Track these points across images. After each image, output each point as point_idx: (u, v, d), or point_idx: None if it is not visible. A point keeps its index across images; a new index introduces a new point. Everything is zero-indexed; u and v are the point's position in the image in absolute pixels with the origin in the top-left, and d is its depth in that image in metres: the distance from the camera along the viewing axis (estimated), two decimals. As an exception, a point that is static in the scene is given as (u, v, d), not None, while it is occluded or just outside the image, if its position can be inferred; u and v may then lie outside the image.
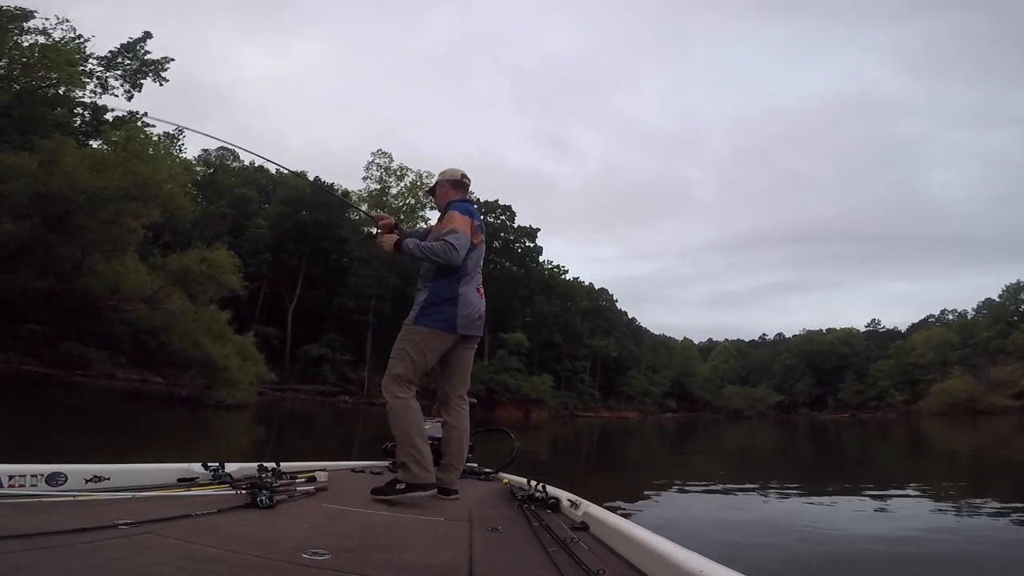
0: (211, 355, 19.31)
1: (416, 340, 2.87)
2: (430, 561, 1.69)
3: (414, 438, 2.74)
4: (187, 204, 20.47)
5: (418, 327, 2.89)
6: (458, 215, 2.95)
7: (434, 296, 2.91)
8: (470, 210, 3.04)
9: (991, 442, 19.64)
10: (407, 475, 2.70)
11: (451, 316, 2.89)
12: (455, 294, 2.91)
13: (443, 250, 2.83)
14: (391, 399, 2.80)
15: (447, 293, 2.91)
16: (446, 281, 2.92)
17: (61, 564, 1.34)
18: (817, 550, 4.37)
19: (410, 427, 2.77)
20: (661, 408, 74.05)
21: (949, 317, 76.40)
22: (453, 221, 2.93)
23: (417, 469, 2.70)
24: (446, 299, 2.90)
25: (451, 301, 2.90)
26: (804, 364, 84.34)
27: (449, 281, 2.92)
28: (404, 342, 2.89)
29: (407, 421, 2.77)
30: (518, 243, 57.47)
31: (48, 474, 2.19)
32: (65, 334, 21.65)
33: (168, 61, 26.31)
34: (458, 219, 2.93)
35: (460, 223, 2.91)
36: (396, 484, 2.70)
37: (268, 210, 47.41)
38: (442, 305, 2.89)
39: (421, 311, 2.90)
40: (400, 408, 2.79)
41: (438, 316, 2.88)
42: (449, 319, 2.89)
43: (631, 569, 1.66)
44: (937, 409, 50.97)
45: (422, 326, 2.88)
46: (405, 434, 2.74)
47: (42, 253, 17.34)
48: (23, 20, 20.51)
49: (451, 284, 2.92)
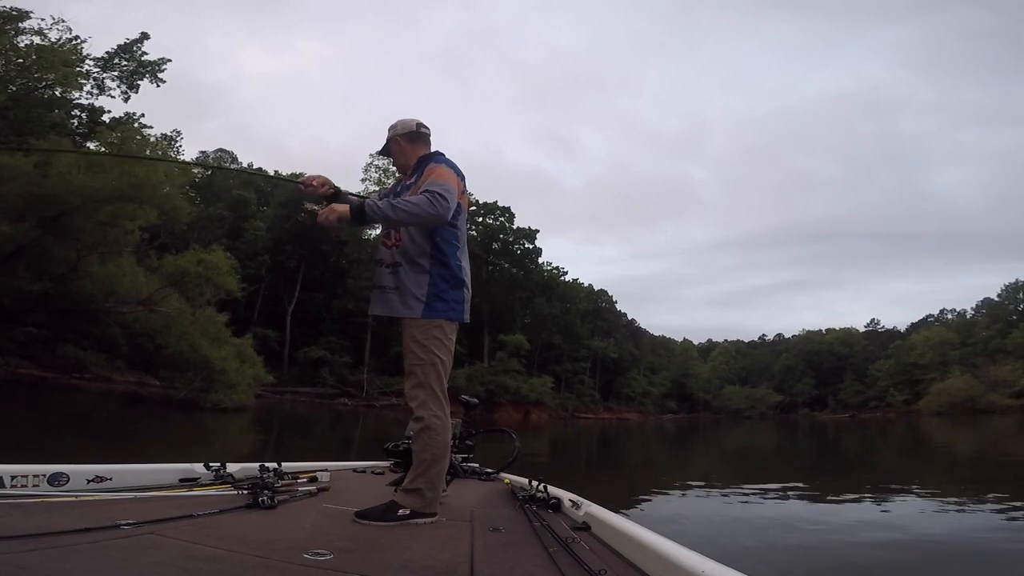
0: (208, 358, 19.19)
1: (439, 336, 2.35)
2: (431, 561, 1.70)
3: (444, 467, 2.40)
4: (183, 205, 20.38)
5: (436, 320, 2.34)
6: (444, 169, 2.39)
7: (440, 279, 2.36)
8: (454, 165, 2.47)
9: (991, 441, 19.66)
10: (418, 503, 2.29)
11: (460, 301, 2.40)
12: (459, 272, 2.40)
13: (428, 202, 2.23)
14: (430, 417, 2.31)
15: (455, 274, 2.39)
16: (448, 253, 2.39)
17: (63, 564, 1.34)
18: (817, 550, 4.37)
19: (444, 453, 2.38)
20: (661, 409, 74.04)
21: (948, 317, 76.60)
22: (438, 174, 2.36)
23: (431, 497, 2.34)
24: (455, 281, 2.38)
25: (459, 284, 2.40)
26: (804, 364, 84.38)
27: (450, 253, 2.39)
28: (428, 341, 2.33)
29: (444, 446, 2.35)
30: (517, 245, 57.46)
31: (50, 474, 2.19)
32: (61, 337, 21.49)
33: (165, 62, 26.33)
34: (446, 173, 2.37)
35: (448, 177, 2.36)
36: (398, 508, 2.27)
37: (266, 212, 47.32)
38: (451, 289, 2.38)
39: (431, 299, 2.34)
40: (441, 429, 2.33)
41: (450, 303, 2.37)
42: (459, 306, 2.40)
43: (633, 569, 1.66)
44: (937, 409, 50.98)
45: (441, 318, 2.35)
46: (436, 460, 2.33)
47: (37, 255, 17.26)
48: (19, 20, 20.49)
49: (455, 261, 2.40)
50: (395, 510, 2.26)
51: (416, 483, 2.31)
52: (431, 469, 2.31)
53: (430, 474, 2.31)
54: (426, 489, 2.30)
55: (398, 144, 2.62)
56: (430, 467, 2.31)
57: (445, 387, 2.39)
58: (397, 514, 2.24)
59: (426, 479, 2.31)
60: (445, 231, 2.40)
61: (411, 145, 2.60)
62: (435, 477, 2.33)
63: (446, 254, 2.39)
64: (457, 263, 2.42)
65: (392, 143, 2.64)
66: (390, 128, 2.66)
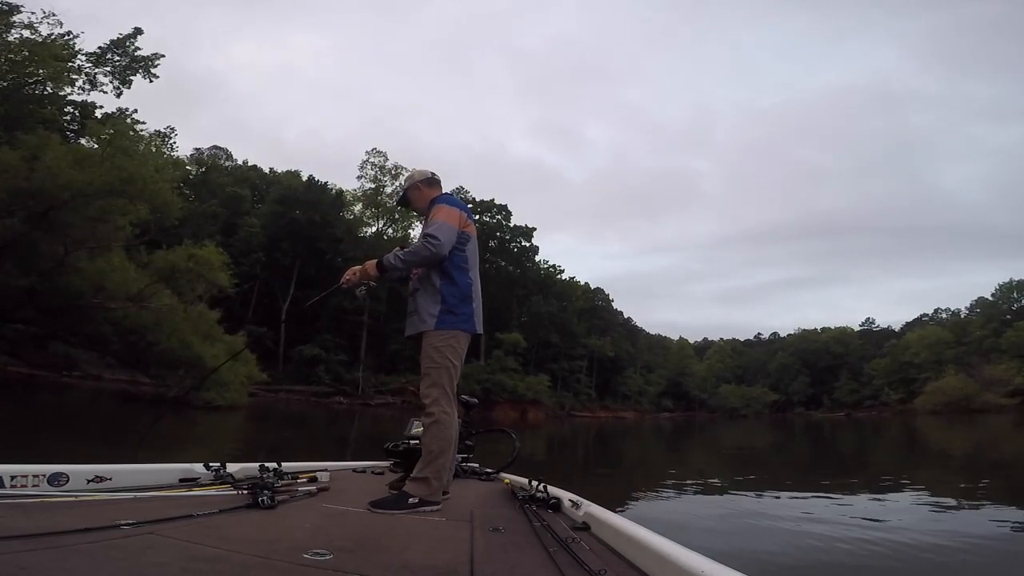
0: (200, 355, 18.95)
1: (453, 344, 2.74)
2: (431, 561, 1.70)
3: (449, 458, 2.69)
4: (174, 200, 20.02)
5: (450, 331, 2.74)
6: (444, 207, 2.87)
7: (451, 296, 2.77)
8: (456, 201, 2.97)
9: (986, 440, 19.81)
10: (424, 491, 2.58)
11: (470, 314, 2.80)
12: (468, 290, 2.82)
13: (422, 247, 2.73)
14: (439, 413, 2.66)
15: (463, 291, 2.80)
16: (458, 276, 2.80)
17: (64, 564, 1.34)
18: (817, 549, 4.39)
19: (450, 446, 2.69)
20: (657, 408, 74.32)
21: (943, 316, 77.08)
22: (437, 214, 2.83)
23: (437, 486, 2.63)
24: (463, 297, 2.79)
25: (467, 299, 2.81)
26: (799, 363, 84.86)
27: (460, 275, 2.81)
28: (443, 348, 2.72)
29: (450, 440, 2.68)
30: (514, 242, 57.53)
31: (50, 474, 2.19)
32: (51, 334, 21.26)
33: (158, 57, 26.04)
34: (444, 212, 2.84)
35: (445, 215, 2.82)
36: (408, 497, 2.55)
37: (261, 209, 47.07)
38: (461, 304, 2.78)
39: (443, 314, 2.75)
40: (448, 424, 2.67)
41: (461, 317, 2.77)
42: (468, 318, 2.80)
43: (632, 569, 1.66)
44: (932, 407, 51.34)
45: (454, 329, 2.75)
46: (443, 451, 2.65)
47: (24, 251, 16.98)
48: (9, 15, 20.29)
49: (464, 280, 2.82)
50: (405, 499, 2.54)
51: (424, 472, 2.61)
52: (438, 459, 2.62)
53: (436, 464, 2.62)
54: (432, 478, 2.60)
55: (416, 191, 3.08)
56: (437, 457, 2.62)
57: (455, 389, 2.76)
58: (407, 503, 2.52)
59: (433, 468, 2.61)
60: (455, 256, 2.82)
61: (428, 188, 3.07)
62: (441, 467, 2.63)
63: (455, 275, 2.80)
64: (467, 282, 2.83)
65: (411, 190, 3.10)
66: (406, 179, 3.19)
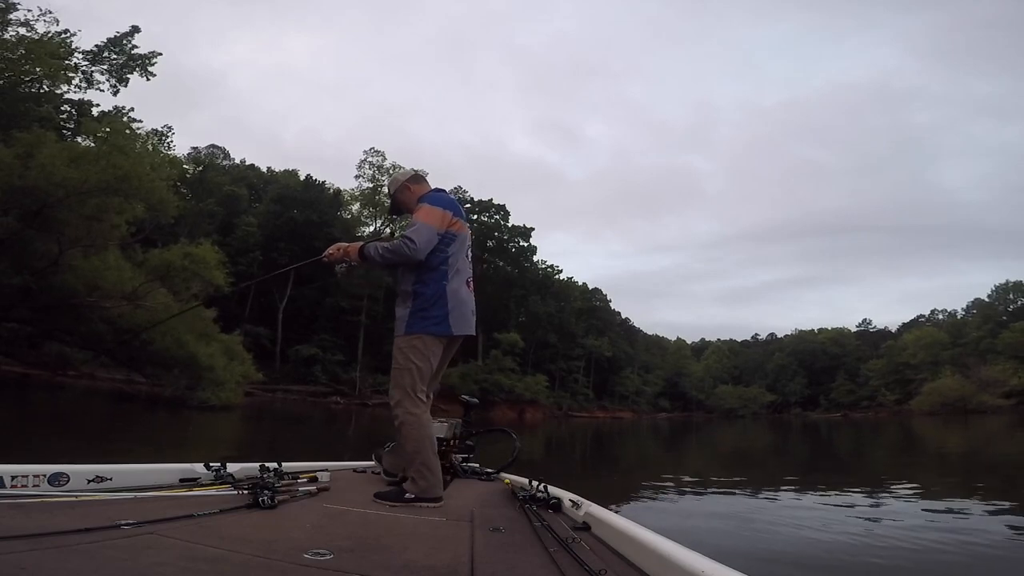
0: (195, 354, 18.79)
1: (418, 346, 2.71)
2: (432, 561, 1.70)
3: (427, 455, 2.66)
4: (170, 198, 19.92)
5: (415, 335, 2.71)
6: (425, 207, 2.78)
7: (422, 299, 2.72)
8: (440, 199, 2.85)
9: (982, 441, 19.90)
10: (414, 489, 2.62)
11: (443, 316, 2.72)
12: (442, 292, 2.73)
13: (398, 247, 2.67)
14: (403, 414, 2.67)
15: (434, 292, 2.72)
16: (431, 278, 2.73)
17: (64, 564, 1.33)
18: (816, 548, 4.41)
19: (422, 444, 2.66)
20: (655, 408, 74.46)
21: (939, 317, 77.41)
22: (417, 215, 2.75)
23: (426, 483, 2.63)
24: (435, 299, 2.72)
25: (441, 301, 2.72)
26: (796, 364, 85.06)
27: (435, 277, 2.73)
28: (407, 350, 2.71)
29: (420, 438, 2.67)
30: (512, 243, 57.51)
31: (50, 474, 2.18)
32: (45, 333, 21.11)
33: (156, 56, 26.04)
34: (423, 212, 2.75)
35: (424, 215, 2.74)
36: (405, 494, 2.62)
37: (258, 208, 46.96)
38: (432, 307, 2.71)
39: (412, 317, 2.72)
40: (412, 424, 2.66)
41: (431, 320, 2.71)
42: (441, 321, 2.72)
43: (633, 569, 1.66)
44: (928, 408, 51.62)
45: (421, 333, 2.71)
46: (417, 451, 2.64)
47: (18, 249, 16.87)
48: (6, 12, 20.21)
49: (438, 281, 2.74)
50: (402, 494, 2.63)
51: (409, 472, 2.70)
52: (415, 459, 2.65)
53: (415, 463, 2.65)
54: (417, 477, 2.63)
55: (407, 190, 2.99)
56: (413, 457, 2.66)
57: (421, 389, 2.73)
58: (404, 497, 2.60)
59: (414, 468, 2.65)
60: (434, 257, 2.75)
61: (416, 186, 3.00)
62: (421, 465, 2.64)
63: (428, 277, 2.74)
64: (441, 283, 2.75)
65: (401, 191, 3.01)
66: (391, 183, 3.09)
